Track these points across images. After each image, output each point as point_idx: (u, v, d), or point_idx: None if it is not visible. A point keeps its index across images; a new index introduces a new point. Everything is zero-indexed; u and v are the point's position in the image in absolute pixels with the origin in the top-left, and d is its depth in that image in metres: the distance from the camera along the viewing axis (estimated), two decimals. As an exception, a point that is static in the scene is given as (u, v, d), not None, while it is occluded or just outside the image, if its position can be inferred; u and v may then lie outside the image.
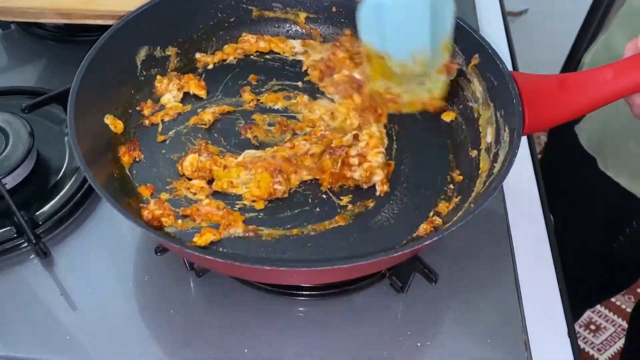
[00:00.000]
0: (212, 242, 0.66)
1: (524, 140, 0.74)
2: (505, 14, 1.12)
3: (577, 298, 0.77)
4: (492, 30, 1.07)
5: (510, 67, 0.97)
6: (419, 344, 0.65)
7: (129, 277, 0.69)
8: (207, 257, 0.57)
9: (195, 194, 0.71)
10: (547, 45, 1.89)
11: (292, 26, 0.91)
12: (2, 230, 0.72)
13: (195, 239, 0.66)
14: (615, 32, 0.95)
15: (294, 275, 0.63)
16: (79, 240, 0.73)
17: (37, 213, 0.73)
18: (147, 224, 0.66)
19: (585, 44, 2.01)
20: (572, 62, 2.08)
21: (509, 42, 1.05)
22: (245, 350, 0.64)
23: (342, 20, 0.89)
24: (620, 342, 1.79)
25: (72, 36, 0.98)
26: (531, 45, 1.50)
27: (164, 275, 0.69)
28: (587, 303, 1.50)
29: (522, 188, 0.62)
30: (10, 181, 0.73)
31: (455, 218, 0.67)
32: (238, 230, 0.68)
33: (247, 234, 0.68)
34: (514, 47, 1.05)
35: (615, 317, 1.85)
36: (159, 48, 0.82)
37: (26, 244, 0.71)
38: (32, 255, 0.71)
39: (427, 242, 0.57)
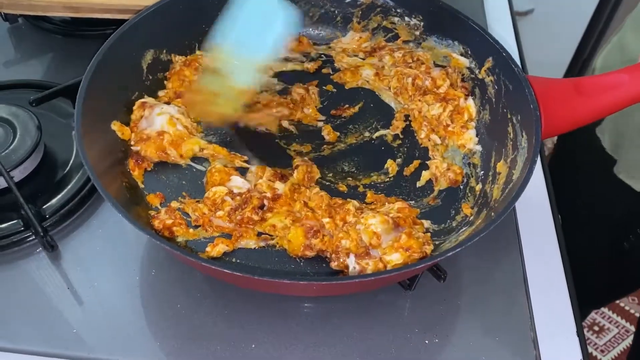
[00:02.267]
0: (224, 253, 0.66)
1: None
2: (514, 14, 1.11)
3: (584, 298, 0.76)
4: (500, 30, 1.06)
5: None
6: (426, 341, 0.64)
7: (135, 271, 0.69)
8: (227, 271, 0.55)
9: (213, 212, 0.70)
10: (553, 45, 1.88)
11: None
12: (9, 223, 0.72)
13: (208, 250, 0.66)
14: (628, 34, 0.94)
15: (314, 288, 0.62)
16: (86, 234, 0.72)
17: (44, 206, 0.73)
18: (158, 234, 0.66)
19: (591, 44, 2.00)
20: (578, 63, 2.07)
21: (518, 43, 1.04)
22: (253, 346, 0.63)
23: (341, 24, 0.90)
24: (624, 344, 1.79)
25: (80, 30, 0.98)
26: (537, 46, 1.49)
27: (171, 270, 0.69)
28: (594, 304, 1.49)
29: (530, 187, 0.62)
30: (18, 174, 0.73)
31: (474, 227, 0.66)
32: (250, 242, 0.67)
33: (259, 244, 0.68)
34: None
35: (618, 319, 1.84)
36: (165, 51, 0.81)
37: (33, 237, 0.71)
38: (39, 249, 0.71)
39: (450, 253, 0.57)
